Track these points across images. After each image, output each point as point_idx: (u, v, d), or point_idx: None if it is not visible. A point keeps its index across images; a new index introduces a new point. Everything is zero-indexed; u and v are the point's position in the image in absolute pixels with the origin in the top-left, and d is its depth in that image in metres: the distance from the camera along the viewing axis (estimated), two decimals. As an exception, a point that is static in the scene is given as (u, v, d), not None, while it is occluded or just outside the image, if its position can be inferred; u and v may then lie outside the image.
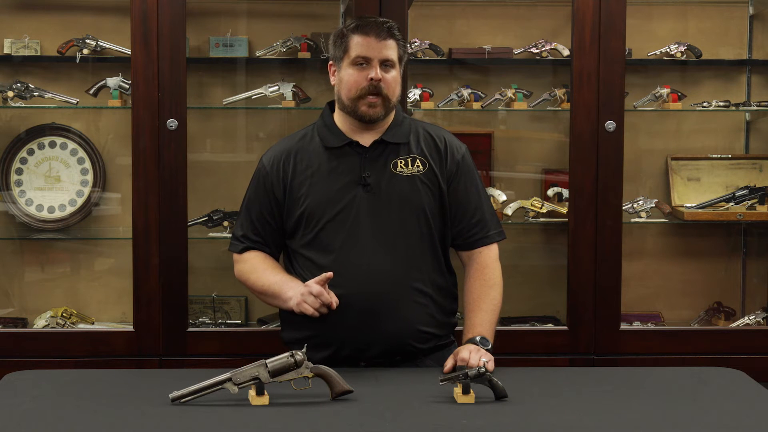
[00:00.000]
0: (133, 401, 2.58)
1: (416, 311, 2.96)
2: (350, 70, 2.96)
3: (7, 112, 4.21)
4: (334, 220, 2.96)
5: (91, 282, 4.30)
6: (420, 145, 3.03)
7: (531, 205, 4.14)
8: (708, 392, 2.74)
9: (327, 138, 3.02)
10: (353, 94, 2.96)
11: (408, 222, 2.97)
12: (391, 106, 3.00)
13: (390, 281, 2.94)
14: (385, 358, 2.96)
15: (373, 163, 2.99)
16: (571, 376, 2.94)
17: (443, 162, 3.03)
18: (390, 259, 2.94)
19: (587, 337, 3.83)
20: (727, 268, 4.42)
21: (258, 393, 2.54)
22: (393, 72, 2.97)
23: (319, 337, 2.93)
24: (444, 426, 2.41)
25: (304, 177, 3.00)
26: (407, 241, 2.97)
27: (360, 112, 2.96)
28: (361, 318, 2.92)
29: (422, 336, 2.97)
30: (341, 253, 2.95)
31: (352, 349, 2.94)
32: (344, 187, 2.98)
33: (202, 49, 4.21)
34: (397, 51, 2.98)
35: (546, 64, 4.28)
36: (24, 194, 4.21)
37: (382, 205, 2.97)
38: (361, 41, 2.95)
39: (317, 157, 3.01)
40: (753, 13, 4.36)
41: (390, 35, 2.97)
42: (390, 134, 3.01)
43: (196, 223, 4.08)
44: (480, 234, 3.06)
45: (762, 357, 3.85)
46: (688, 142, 4.40)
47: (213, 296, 4.23)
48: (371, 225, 2.95)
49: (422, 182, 2.99)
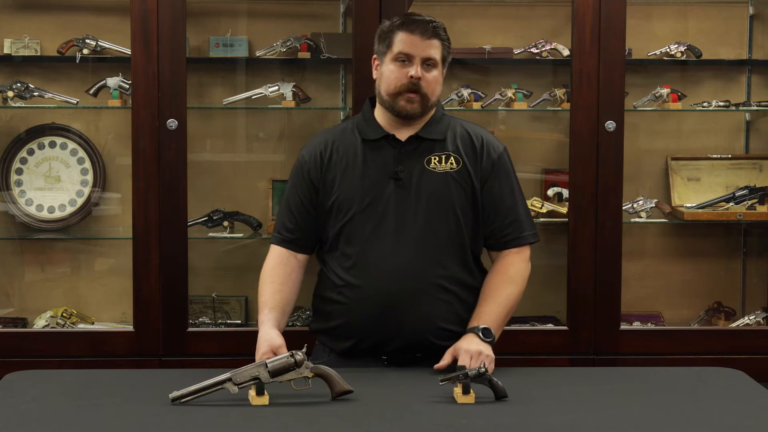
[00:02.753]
0: (133, 401, 2.58)
1: (438, 308, 2.96)
2: (392, 66, 2.96)
3: (7, 112, 4.21)
4: (363, 212, 2.96)
5: (91, 282, 4.30)
6: (456, 142, 3.03)
7: (531, 205, 4.14)
8: (708, 392, 2.74)
9: (365, 130, 3.03)
10: (392, 89, 2.95)
11: (436, 219, 2.97)
12: (430, 105, 2.99)
13: (412, 276, 2.93)
14: (405, 353, 2.96)
15: (407, 157, 2.99)
16: (571, 376, 2.94)
17: (478, 160, 3.02)
18: (414, 255, 2.94)
19: (587, 337, 3.83)
20: (727, 268, 4.41)
21: (258, 393, 2.54)
22: (434, 72, 2.96)
23: (341, 329, 2.97)
24: (444, 426, 2.41)
25: (339, 167, 3.00)
26: (433, 238, 2.96)
27: (398, 108, 2.96)
28: (382, 311, 2.93)
29: (443, 333, 2.96)
30: (366, 246, 2.95)
31: (372, 342, 2.95)
32: (376, 180, 2.97)
33: (202, 49, 4.21)
34: (441, 51, 2.97)
35: (546, 64, 4.28)
36: (24, 194, 4.21)
37: (411, 201, 2.96)
38: (405, 38, 2.95)
39: (354, 149, 3.01)
40: (753, 13, 4.36)
41: (435, 35, 2.96)
42: (427, 130, 3.01)
43: (196, 223, 4.08)
44: (513, 235, 3.04)
45: (762, 357, 3.85)
46: (688, 142, 4.40)
47: (213, 296, 4.22)
48: (398, 219, 2.95)
49: (454, 180, 2.99)
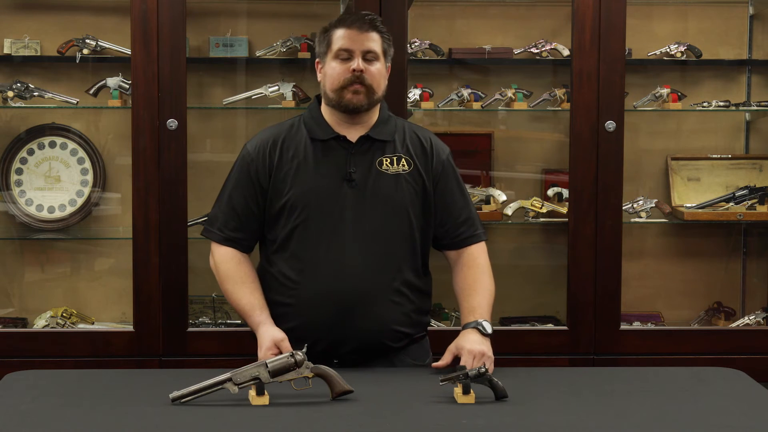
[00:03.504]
0: (133, 401, 2.58)
1: (392, 310, 2.95)
2: (333, 63, 2.94)
3: (7, 112, 4.21)
4: (317, 213, 2.94)
5: (91, 282, 4.30)
6: (406, 144, 3.02)
7: (531, 205, 4.14)
8: (708, 392, 2.74)
9: (314, 130, 3.00)
10: (336, 85, 2.93)
11: (390, 221, 2.96)
12: (376, 99, 2.97)
13: (367, 279, 2.92)
14: (358, 355, 2.94)
15: (359, 159, 2.97)
16: (571, 376, 2.94)
17: (429, 162, 3.02)
18: (369, 257, 2.92)
19: (587, 337, 3.83)
20: (727, 268, 4.42)
21: (258, 393, 2.54)
22: (377, 64, 2.94)
23: (294, 332, 2.91)
24: (444, 426, 2.41)
25: (290, 167, 2.97)
26: (388, 240, 2.95)
27: (345, 102, 2.93)
28: (335, 315, 2.91)
29: (396, 335, 2.96)
30: (320, 247, 2.93)
31: (326, 345, 2.92)
32: (330, 181, 2.95)
33: (202, 49, 4.21)
34: (381, 44, 2.95)
35: (546, 64, 4.28)
36: (24, 194, 4.21)
37: (365, 202, 2.94)
38: (343, 34, 2.93)
39: (304, 148, 2.98)
40: (753, 13, 4.36)
41: (372, 27, 2.94)
42: (376, 131, 2.99)
43: (196, 223, 4.07)
44: (468, 233, 3.05)
45: (762, 357, 3.85)
46: (688, 142, 4.40)
47: (213, 296, 4.22)
48: (353, 221, 2.93)
49: (407, 181, 2.98)
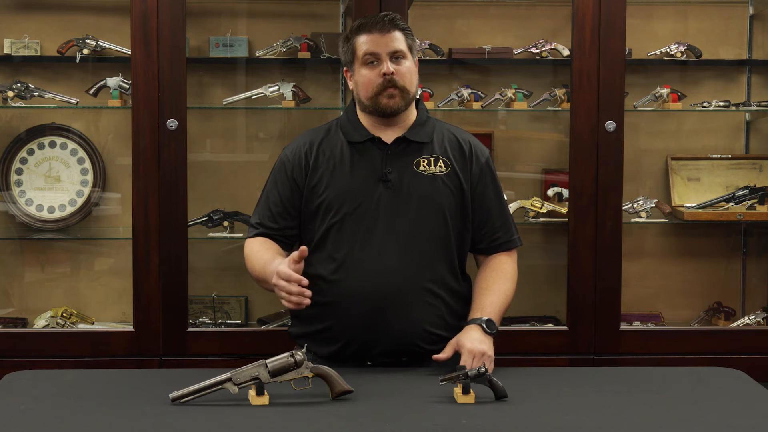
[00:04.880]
0: (133, 401, 2.58)
1: (426, 312, 2.93)
2: (363, 71, 2.94)
3: (7, 112, 4.21)
4: (352, 214, 2.93)
5: (91, 282, 4.30)
6: (444, 145, 3.00)
7: (531, 205, 4.14)
8: (708, 392, 2.74)
9: (350, 133, 3.00)
10: (370, 92, 2.93)
11: (426, 222, 2.94)
12: (410, 98, 2.97)
13: (401, 280, 2.90)
14: (391, 357, 2.93)
15: (395, 160, 2.96)
16: (571, 376, 2.94)
17: (467, 165, 3.00)
18: (403, 258, 2.91)
19: (587, 337, 3.83)
20: (727, 268, 4.41)
21: (258, 393, 2.54)
22: (406, 62, 2.94)
23: (326, 332, 2.93)
24: (444, 426, 2.41)
25: (326, 168, 2.97)
26: (423, 241, 2.93)
27: (381, 107, 2.93)
28: (369, 315, 2.89)
29: (430, 337, 2.94)
30: (355, 248, 2.92)
31: (358, 346, 2.92)
32: (365, 182, 2.94)
33: (202, 49, 4.21)
34: (405, 41, 2.95)
35: (546, 64, 4.28)
36: (24, 194, 4.21)
37: (401, 203, 2.93)
38: (366, 39, 2.93)
39: (340, 150, 2.98)
40: (753, 13, 4.36)
41: (394, 26, 2.94)
42: (413, 132, 2.99)
43: (196, 223, 4.08)
44: (504, 238, 3.04)
45: (762, 357, 3.85)
46: (688, 142, 4.40)
47: (213, 296, 4.23)
48: (388, 222, 2.92)
49: (444, 183, 2.97)
